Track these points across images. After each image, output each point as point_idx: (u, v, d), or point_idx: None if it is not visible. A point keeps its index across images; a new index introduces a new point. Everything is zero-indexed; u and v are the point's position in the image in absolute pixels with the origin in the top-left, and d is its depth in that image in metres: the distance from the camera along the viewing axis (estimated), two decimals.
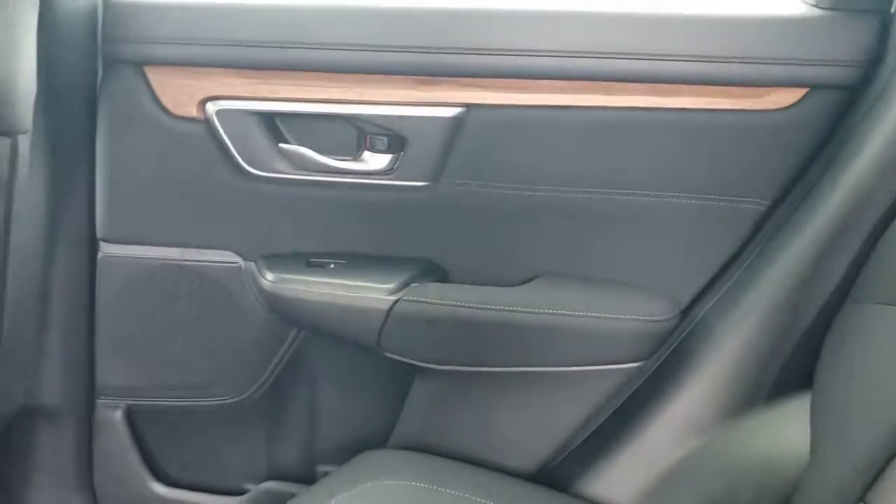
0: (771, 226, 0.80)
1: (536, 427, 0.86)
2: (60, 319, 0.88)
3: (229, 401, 0.93)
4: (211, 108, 0.83)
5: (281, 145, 0.85)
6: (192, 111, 0.84)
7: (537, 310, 0.82)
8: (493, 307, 0.83)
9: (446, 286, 0.86)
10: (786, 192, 0.80)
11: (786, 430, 0.71)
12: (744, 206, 0.81)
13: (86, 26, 0.82)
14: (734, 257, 0.82)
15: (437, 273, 0.87)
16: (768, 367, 0.75)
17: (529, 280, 0.85)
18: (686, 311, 0.83)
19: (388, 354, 0.86)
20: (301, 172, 0.85)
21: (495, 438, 0.87)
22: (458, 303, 0.83)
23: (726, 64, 0.77)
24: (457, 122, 0.81)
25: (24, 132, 0.72)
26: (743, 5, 0.79)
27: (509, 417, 0.86)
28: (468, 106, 0.81)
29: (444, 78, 0.80)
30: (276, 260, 0.88)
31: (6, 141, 0.70)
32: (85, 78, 0.84)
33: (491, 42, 0.79)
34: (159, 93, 0.83)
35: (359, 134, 0.84)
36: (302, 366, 0.93)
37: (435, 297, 0.83)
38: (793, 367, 0.74)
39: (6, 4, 0.65)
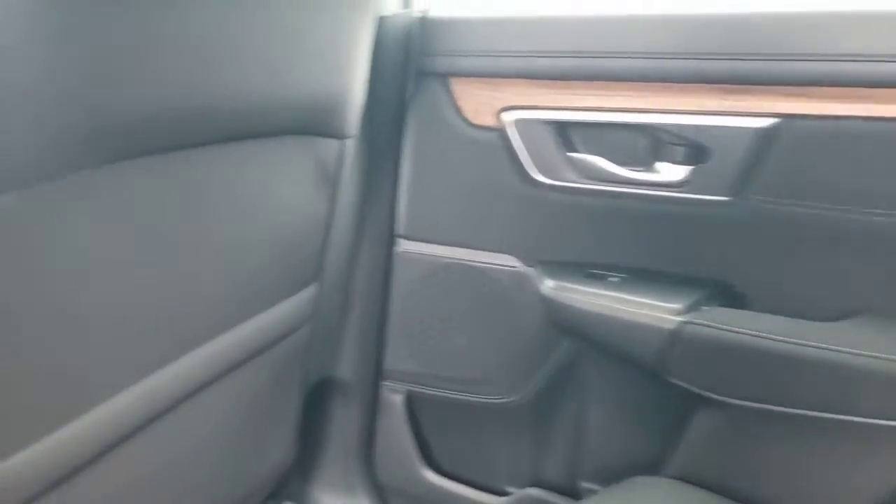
0: None
1: (838, 484, 0.75)
2: (359, 305, 0.98)
3: (498, 400, 0.95)
4: (507, 117, 0.86)
5: (569, 154, 0.85)
6: (490, 120, 0.87)
7: (856, 350, 0.71)
8: (801, 342, 0.74)
9: (743, 313, 0.79)
10: None
11: None
12: None
13: (401, 41, 0.90)
14: None
15: (731, 297, 0.80)
16: None
17: (848, 316, 0.75)
18: None
19: (671, 379, 0.81)
20: (588, 182, 0.84)
21: (787, 488, 0.78)
22: (758, 333, 0.75)
23: None
24: (768, 133, 0.74)
25: (351, 137, 0.81)
26: None
27: (807, 467, 0.77)
28: (782, 116, 0.73)
29: (754, 86, 0.74)
30: (554, 267, 0.88)
31: (336, 144, 0.80)
32: (397, 88, 0.92)
33: (810, 47, 0.71)
34: (461, 102, 0.88)
35: (652, 144, 0.81)
36: (572, 377, 0.92)
37: (730, 324, 0.77)
38: None
39: (348, 25, 0.74)
